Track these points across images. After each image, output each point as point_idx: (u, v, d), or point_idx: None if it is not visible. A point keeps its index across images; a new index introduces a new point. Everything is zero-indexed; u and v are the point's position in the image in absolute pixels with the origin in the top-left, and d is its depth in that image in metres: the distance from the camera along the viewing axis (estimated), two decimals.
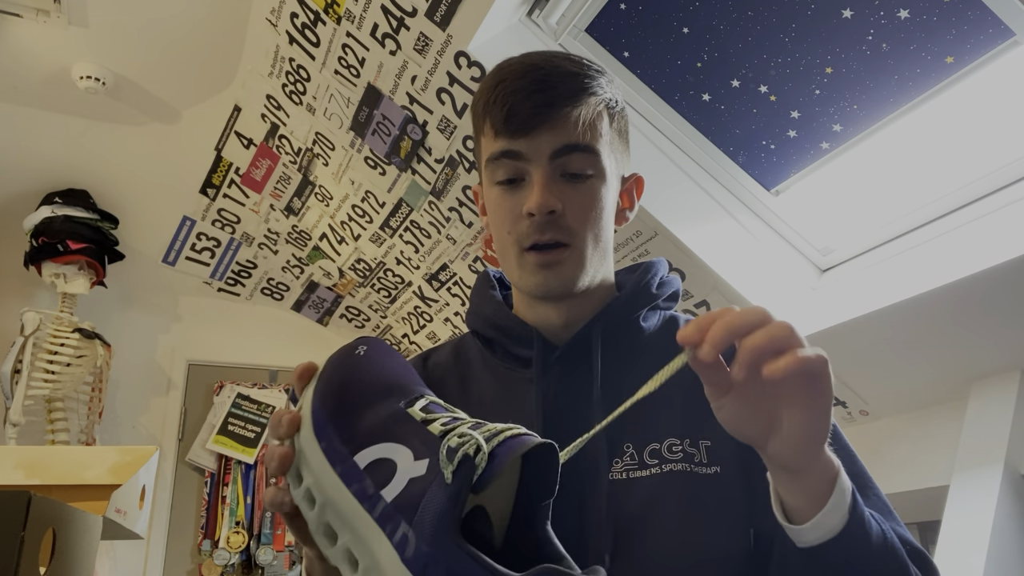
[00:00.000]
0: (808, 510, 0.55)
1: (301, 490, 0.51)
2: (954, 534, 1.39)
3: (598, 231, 0.75)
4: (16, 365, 2.56)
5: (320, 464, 0.50)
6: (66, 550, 0.82)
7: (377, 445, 0.50)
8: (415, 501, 0.46)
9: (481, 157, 0.78)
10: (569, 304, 0.77)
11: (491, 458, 0.46)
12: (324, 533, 0.50)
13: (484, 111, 0.75)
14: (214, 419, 3.09)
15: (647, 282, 0.79)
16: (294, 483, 0.52)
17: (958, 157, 1.59)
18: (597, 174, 0.74)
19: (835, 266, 1.83)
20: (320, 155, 2.52)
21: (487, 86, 0.75)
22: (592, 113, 0.73)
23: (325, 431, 0.51)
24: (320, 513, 0.50)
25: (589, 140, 0.73)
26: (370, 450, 0.50)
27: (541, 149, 0.72)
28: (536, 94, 0.71)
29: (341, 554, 0.49)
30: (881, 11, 1.46)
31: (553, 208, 0.71)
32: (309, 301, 3.32)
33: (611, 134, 0.76)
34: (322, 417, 0.52)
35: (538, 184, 0.72)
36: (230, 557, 2.89)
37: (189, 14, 2.19)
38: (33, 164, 2.71)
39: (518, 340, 0.78)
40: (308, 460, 0.51)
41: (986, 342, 1.48)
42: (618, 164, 0.78)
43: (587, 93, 0.73)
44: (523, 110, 0.71)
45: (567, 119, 0.72)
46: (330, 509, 0.49)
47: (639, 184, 0.83)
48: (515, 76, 0.73)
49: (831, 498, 0.55)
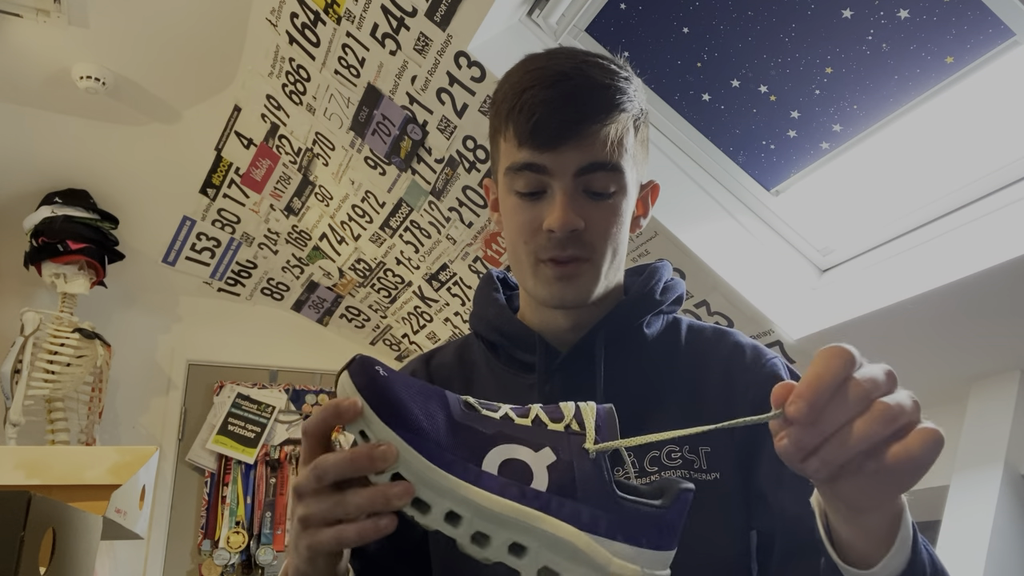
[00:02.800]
0: (870, 552, 0.49)
1: (436, 515, 0.52)
2: (954, 534, 1.39)
3: (616, 245, 0.74)
4: (16, 365, 2.56)
5: (458, 487, 0.52)
6: (66, 550, 0.82)
7: (493, 450, 0.53)
8: (568, 480, 0.53)
9: (499, 160, 0.76)
10: (578, 310, 0.77)
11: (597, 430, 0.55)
12: (474, 541, 0.53)
13: (508, 116, 0.72)
14: (214, 419, 3.09)
15: (651, 288, 0.78)
16: (417, 512, 0.52)
17: (958, 157, 1.59)
18: (620, 190, 0.73)
19: (835, 266, 1.83)
20: (320, 155, 2.52)
21: (513, 89, 0.72)
22: (620, 130, 0.71)
23: (438, 455, 0.52)
24: (470, 526, 0.52)
25: (615, 159, 0.71)
26: (490, 457, 0.53)
27: (566, 166, 0.70)
28: (564, 108, 0.69)
29: (502, 549, 0.52)
30: (881, 11, 1.46)
31: (575, 227, 0.70)
32: (309, 301, 3.32)
33: (636, 146, 0.75)
34: (426, 445, 0.52)
35: (560, 202, 0.70)
36: (230, 557, 2.89)
37: (189, 14, 2.19)
38: (33, 164, 2.71)
39: (521, 345, 0.78)
40: (439, 487, 0.52)
41: (986, 342, 1.48)
42: (638, 174, 0.77)
43: (618, 110, 0.71)
44: (550, 124, 0.69)
45: (595, 137, 0.70)
46: (481, 520, 0.52)
47: (654, 191, 0.82)
48: (543, 84, 0.70)
49: (898, 537, 0.48)
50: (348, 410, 0.50)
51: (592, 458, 0.53)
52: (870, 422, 0.42)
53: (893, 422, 0.42)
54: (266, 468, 3.06)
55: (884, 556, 0.48)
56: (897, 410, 0.42)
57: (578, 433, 0.54)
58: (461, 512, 0.52)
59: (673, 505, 0.54)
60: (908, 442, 0.42)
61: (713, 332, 0.80)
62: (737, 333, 0.80)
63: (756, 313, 1.76)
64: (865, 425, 0.42)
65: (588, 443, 0.54)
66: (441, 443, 0.52)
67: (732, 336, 0.79)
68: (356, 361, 0.53)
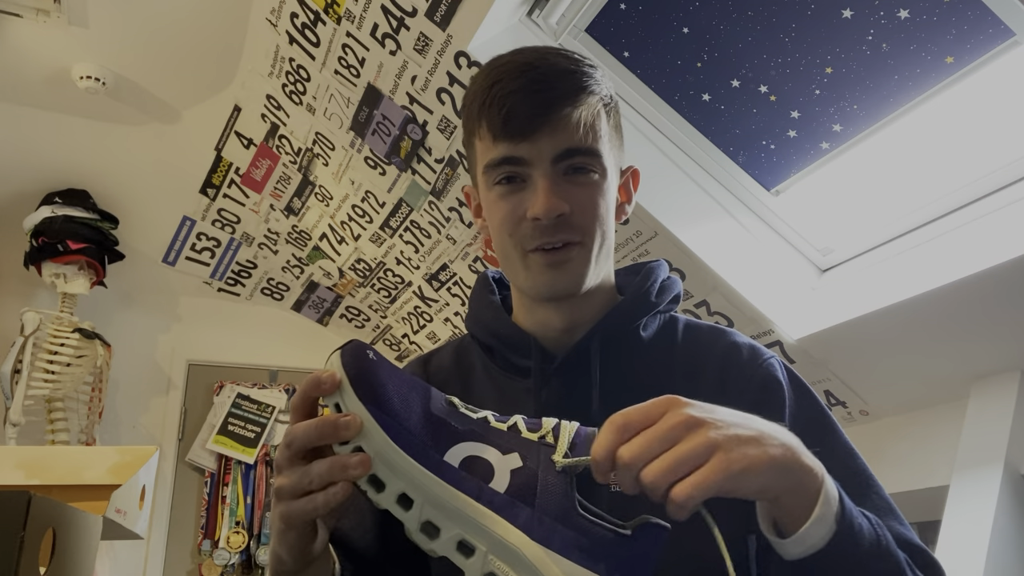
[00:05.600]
0: (793, 524, 0.55)
1: (389, 494, 0.53)
2: (954, 534, 1.39)
3: (605, 228, 0.74)
4: (16, 365, 2.56)
5: (414, 469, 0.52)
6: (66, 550, 0.82)
7: (460, 445, 0.54)
8: (529, 488, 0.53)
9: (476, 160, 0.76)
10: (571, 306, 0.76)
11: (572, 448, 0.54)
12: (423, 530, 0.53)
13: (479, 113, 0.72)
14: (214, 419, 3.09)
15: (647, 289, 0.78)
16: (371, 488, 0.54)
17: (958, 157, 1.59)
18: (600, 173, 0.73)
19: (835, 266, 1.83)
20: (320, 155, 2.52)
21: (481, 86, 0.72)
22: (592, 113, 0.72)
23: (403, 437, 0.53)
24: (420, 513, 0.52)
25: (591, 142, 0.71)
26: (455, 450, 0.54)
27: (543, 153, 0.70)
28: (534, 95, 0.69)
29: (450, 544, 0.52)
30: (881, 11, 1.46)
31: (561, 212, 0.70)
32: (309, 301, 3.32)
33: (609, 131, 0.75)
34: (393, 424, 0.53)
35: (543, 188, 0.70)
36: (230, 557, 2.89)
37: (189, 14, 2.19)
38: (33, 164, 2.71)
39: (516, 349, 0.78)
40: (396, 466, 0.53)
41: (986, 342, 1.48)
42: (616, 159, 0.77)
43: (586, 92, 0.72)
44: (522, 112, 0.69)
45: (568, 121, 0.70)
46: (432, 508, 0.52)
47: (635, 177, 0.82)
48: (510, 76, 0.70)
49: (815, 511, 0.54)
50: (326, 381, 0.53)
51: (558, 471, 0.53)
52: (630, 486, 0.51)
53: (654, 485, 0.50)
54: (266, 468, 3.06)
55: (799, 529, 0.54)
56: (652, 479, 0.50)
57: (550, 445, 0.54)
58: (413, 496, 0.53)
59: (640, 535, 0.52)
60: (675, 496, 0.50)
61: (710, 331, 0.80)
62: (735, 332, 0.79)
63: (756, 313, 1.76)
64: (631, 486, 0.51)
65: (557, 455, 0.54)
66: (409, 428, 0.53)
67: (729, 335, 0.78)
68: (351, 343, 0.55)
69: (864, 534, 0.57)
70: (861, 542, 0.56)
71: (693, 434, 0.51)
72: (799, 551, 0.55)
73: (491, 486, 0.53)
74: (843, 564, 0.56)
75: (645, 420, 0.52)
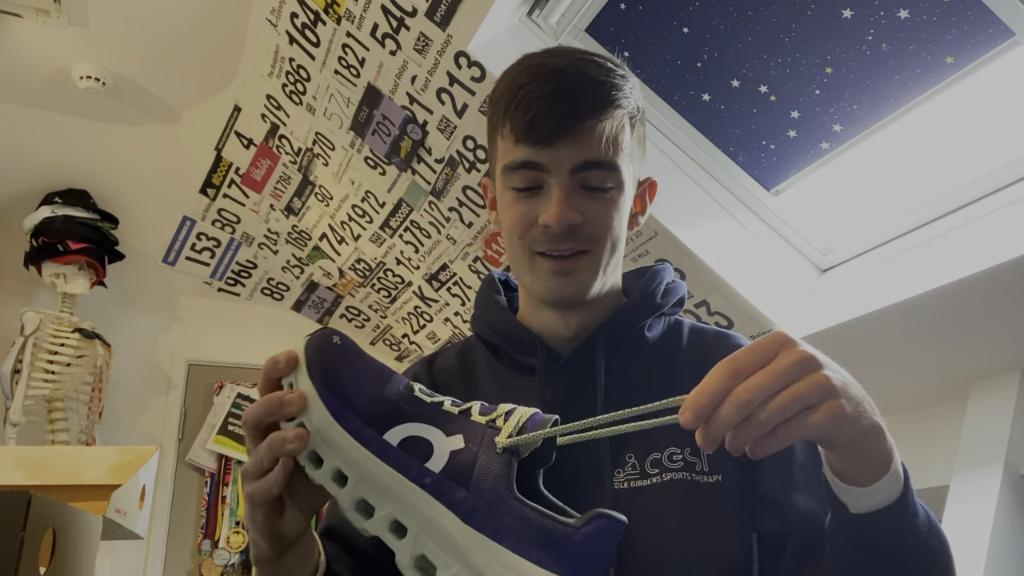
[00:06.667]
0: (867, 475, 0.54)
1: (325, 471, 0.54)
2: (954, 534, 1.39)
3: (616, 240, 0.74)
4: (16, 365, 2.56)
5: (350, 445, 0.52)
6: (66, 550, 0.82)
7: (402, 425, 0.54)
8: (466, 470, 0.51)
9: (497, 157, 0.76)
10: (577, 311, 0.77)
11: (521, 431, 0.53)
12: (357, 508, 0.53)
13: (505, 113, 0.72)
14: (214, 419, 3.09)
15: (652, 291, 0.78)
16: (311, 464, 0.54)
17: (958, 157, 1.59)
18: (616, 187, 0.73)
19: (835, 266, 1.83)
20: (320, 155, 2.52)
21: (510, 86, 0.72)
22: (616, 127, 0.72)
23: (345, 415, 0.53)
24: (354, 490, 0.53)
25: (611, 156, 0.71)
26: (396, 430, 0.53)
27: (562, 162, 0.70)
28: (560, 103, 0.69)
29: (383, 524, 0.52)
30: (881, 11, 1.46)
31: (572, 222, 0.70)
32: (309, 301, 3.32)
33: (631, 144, 0.75)
34: (336, 402, 0.54)
35: (557, 198, 0.70)
36: (230, 557, 2.89)
37: (189, 14, 2.19)
38: (33, 164, 2.71)
39: (522, 348, 0.78)
40: (333, 442, 0.53)
41: (986, 342, 1.48)
42: (635, 171, 0.77)
43: (613, 105, 0.71)
44: (546, 120, 0.69)
45: (590, 133, 0.70)
46: (366, 485, 0.52)
47: (652, 188, 0.83)
48: (540, 81, 0.70)
49: (892, 464, 0.54)
50: (281, 360, 0.56)
51: (498, 453, 0.52)
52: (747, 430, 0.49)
53: (764, 425, 0.48)
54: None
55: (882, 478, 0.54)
56: (766, 417, 0.48)
57: (498, 428, 0.53)
58: (347, 473, 0.53)
59: (587, 528, 0.49)
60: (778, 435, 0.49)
61: (715, 335, 0.81)
62: (739, 336, 0.80)
63: (756, 313, 1.76)
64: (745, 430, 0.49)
65: (500, 437, 0.53)
66: (354, 408, 0.54)
67: (734, 339, 0.79)
68: (321, 329, 0.57)
69: (920, 507, 0.58)
70: (919, 512, 0.57)
71: (812, 375, 0.49)
72: (872, 503, 0.55)
73: (427, 466, 0.52)
74: (906, 526, 0.56)
75: (759, 360, 0.50)
